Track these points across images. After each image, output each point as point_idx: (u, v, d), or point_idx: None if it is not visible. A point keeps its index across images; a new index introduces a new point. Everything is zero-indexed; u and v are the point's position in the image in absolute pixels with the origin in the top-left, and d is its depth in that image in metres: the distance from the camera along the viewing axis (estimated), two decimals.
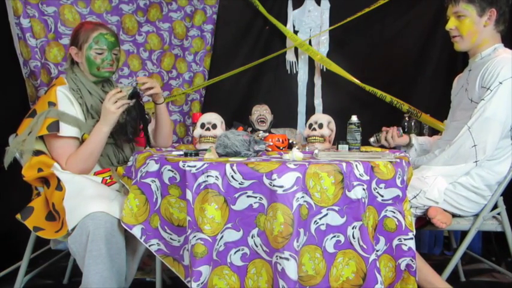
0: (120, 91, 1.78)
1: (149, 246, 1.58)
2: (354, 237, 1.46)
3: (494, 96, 1.75)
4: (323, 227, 1.44)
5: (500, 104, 1.75)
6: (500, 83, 1.74)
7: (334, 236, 1.45)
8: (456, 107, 2.01)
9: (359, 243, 1.45)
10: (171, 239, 1.56)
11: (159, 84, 1.94)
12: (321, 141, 1.96)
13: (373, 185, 1.51)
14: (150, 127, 2.13)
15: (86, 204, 1.62)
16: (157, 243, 1.58)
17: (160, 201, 1.57)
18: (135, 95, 1.82)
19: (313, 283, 1.42)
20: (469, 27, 1.85)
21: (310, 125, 2.01)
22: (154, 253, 1.58)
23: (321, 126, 1.97)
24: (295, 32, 3.10)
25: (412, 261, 1.55)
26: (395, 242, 1.56)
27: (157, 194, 1.57)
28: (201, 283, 1.40)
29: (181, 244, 1.54)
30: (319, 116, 2.04)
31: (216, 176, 1.43)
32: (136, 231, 1.58)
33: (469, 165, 1.81)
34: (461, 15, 1.86)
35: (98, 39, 1.88)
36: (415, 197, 1.83)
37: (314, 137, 1.97)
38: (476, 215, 1.90)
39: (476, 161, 1.78)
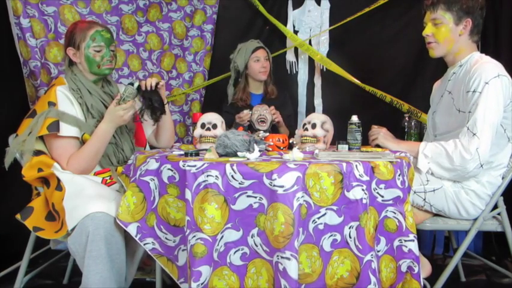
0: (127, 100, 1.78)
1: (144, 244, 1.58)
2: (350, 237, 1.46)
3: (482, 97, 1.73)
4: (321, 226, 1.44)
5: (489, 104, 1.74)
6: (487, 83, 1.74)
7: (331, 235, 1.45)
8: (442, 114, 1.98)
9: (355, 243, 1.45)
10: (166, 238, 1.56)
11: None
12: (313, 141, 1.89)
13: (373, 185, 1.51)
14: (150, 129, 2.13)
15: (86, 204, 1.62)
16: (152, 242, 1.58)
17: (157, 200, 1.56)
18: (137, 91, 1.83)
19: (309, 281, 1.43)
20: (445, 34, 1.89)
21: (304, 125, 1.95)
22: (149, 252, 1.58)
23: (314, 126, 1.90)
24: (295, 32, 3.10)
25: (413, 263, 1.55)
26: (396, 243, 1.56)
27: (155, 192, 1.57)
28: (201, 284, 1.40)
29: (177, 244, 1.54)
30: (313, 116, 1.97)
31: (216, 176, 1.43)
32: (131, 229, 1.58)
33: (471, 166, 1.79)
34: (438, 22, 1.89)
35: (94, 37, 1.88)
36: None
37: (306, 137, 1.91)
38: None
39: (481, 164, 1.75)
